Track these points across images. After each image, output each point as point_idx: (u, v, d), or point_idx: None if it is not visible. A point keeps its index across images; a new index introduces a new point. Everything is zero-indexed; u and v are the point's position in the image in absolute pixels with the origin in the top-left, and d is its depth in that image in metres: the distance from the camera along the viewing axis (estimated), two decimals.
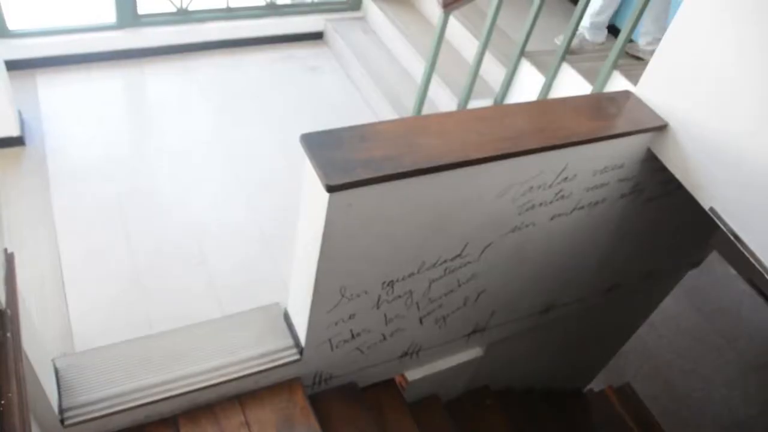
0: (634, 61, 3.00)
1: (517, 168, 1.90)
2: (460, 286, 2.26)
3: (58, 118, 3.33)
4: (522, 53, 2.95)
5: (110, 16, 3.65)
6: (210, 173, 3.26)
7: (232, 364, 2.15)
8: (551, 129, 1.97)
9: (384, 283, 2.03)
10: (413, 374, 2.66)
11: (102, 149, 3.24)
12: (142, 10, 3.69)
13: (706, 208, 2.02)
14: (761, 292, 4.86)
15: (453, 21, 3.63)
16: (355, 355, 2.32)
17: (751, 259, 1.90)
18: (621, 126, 2.06)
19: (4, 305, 1.51)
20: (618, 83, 2.57)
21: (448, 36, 3.16)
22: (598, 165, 2.11)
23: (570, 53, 2.83)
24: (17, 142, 3.11)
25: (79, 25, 3.65)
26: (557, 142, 1.90)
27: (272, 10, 4.10)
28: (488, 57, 3.18)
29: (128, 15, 3.65)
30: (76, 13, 3.78)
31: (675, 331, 4.82)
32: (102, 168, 3.14)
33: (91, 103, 3.47)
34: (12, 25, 3.43)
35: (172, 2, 3.78)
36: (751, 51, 1.79)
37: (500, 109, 2.59)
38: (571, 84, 2.78)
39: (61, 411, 1.94)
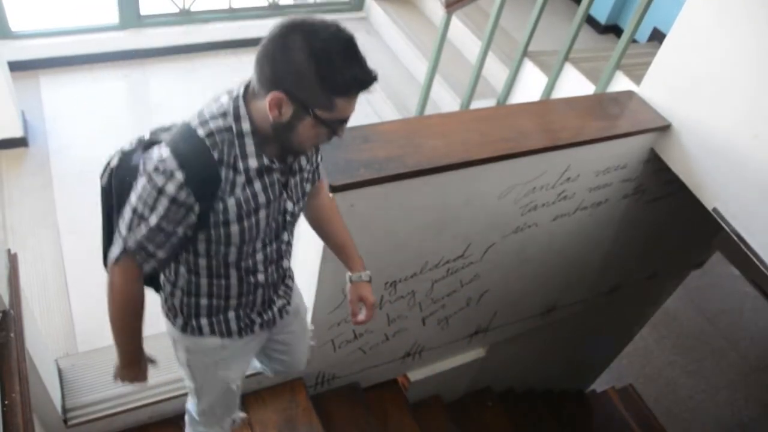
0: (636, 61, 2.99)
1: (520, 168, 1.90)
2: (462, 286, 2.26)
3: (61, 118, 3.33)
4: (525, 53, 2.95)
5: (113, 17, 3.65)
6: None
7: None
8: (554, 129, 1.96)
9: (387, 283, 2.03)
10: (415, 375, 2.66)
11: (105, 150, 3.20)
12: (144, 10, 3.69)
13: (710, 208, 2.01)
14: (764, 293, 4.85)
15: (455, 21, 3.63)
16: (358, 355, 2.32)
17: (755, 260, 1.90)
18: (624, 126, 2.05)
19: (7, 305, 1.51)
20: (621, 83, 2.56)
21: (450, 36, 3.15)
22: (601, 165, 2.10)
23: None
24: (20, 142, 3.11)
25: (82, 26, 3.65)
26: (560, 143, 1.90)
27: (275, 10, 4.10)
28: (491, 57, 3.17)
29: (131, 16, 3.65)
30: (78, 14, 3.78)
31: (677, 332, 4.81)
32: None
33: (94, 104, 3.47)
34: (15, 26, 3.43)
35: (174, 3, 3.78)
36: (753, 52, 1.79)
37: (503, 109, 2.59)
38: (574, 84, 2.77)
39: (65, 411, 1.94)
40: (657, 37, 3.73)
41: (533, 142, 1.88)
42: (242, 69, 3.93)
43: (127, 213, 1.18)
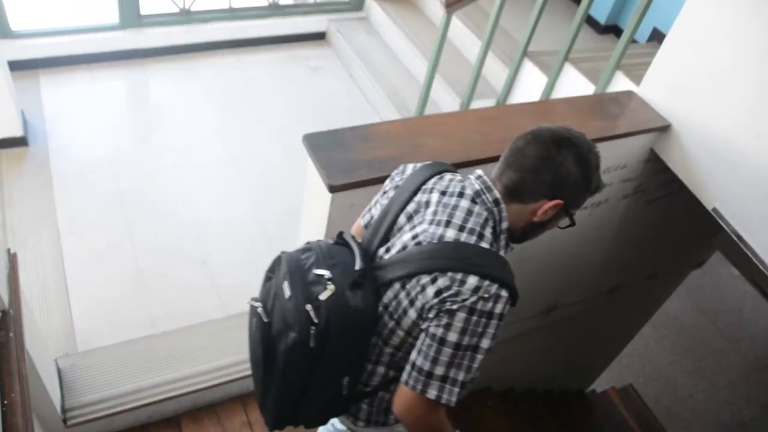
0: (636, 61, 3.00)
1: None
2: None
3: (61, 118, 3.34)
4: (524, 53, 2.95)
5: (113, 17, 3.65)
6: (212, 173, 3.27)
7: (234, 364, 2.15)
8: None
9: None
10: None
11: (105, 149, 3.24)
12: (144, 10, 3.69)
13: (709, 208, 2.01)
14: (764, 293, 4.85)
15: (455, 21, 3.63)
16: None
17: (754, 260, 1.90)
18: (623, 126, 2.05)
19: (6, 305, 1.51)
20: (621, 83, 2.56)
21: (450, 36, 3.16)
22: (601, 165, 2.10)
23: None
24: (20, 142, 3.12)
25: (82, 26, 3.66)
26: None
27: (275, 10, 4.11)
28: (491, 57, 3.17)
29: (131, 15, 3.66)
30: (78, 14, 3.79)
31: (677, 331, 4.81)
32: (105, 168, 3.14)
33: (94, 104, 3.47)
34: (15, 25, 3.44)
35: (174, 3, 3.78)
36: (754, 52, 1.78)
37: (503, 109, 2.59)
38: (574, 84, 2.77)
39: (64, 411, 1.94)
40: (657, 37, 3.73)
41: None
42: (242, 69, 3.94)
43: (448, 356, 1.11)
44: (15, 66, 3.30)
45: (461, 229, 1.15)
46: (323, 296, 1.12)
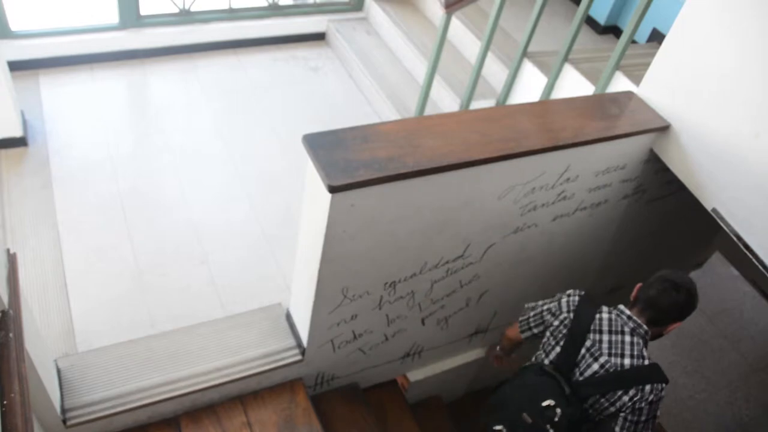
0: (636, 61, 2.99)
1: (520, 169, 1.90)
2: (462, 286, 2.26)
3: (60, 118, 3.34)
4: (524, 54, 2.95)
5: (113, 17, 3.65)
6: (212, 173, 3.27)
7: (234, 365, 2.15)
8: (553, 130, 1.96)
9: (386, 283, 2.03)
10: (415, 375, 2.66)
11: (104, 150, 3.24)
12: (144, 10, 3.69)
13: (709, 208, 2.01)
14: (764, 293, 4.85)
15: (455, 21, 3.63)
16: (357, 355, 2.32)
17: (754, 260, 1.90)
18: (623, 127, 2.05)
19: (6, 305, 1.51)
20: (620, 84, 2.56)
21: (450, 37, 3.16)
22: (601, 166, 2.10)
23: None
24: (20, 142, 3.12)
25: (82, 26, 3.65)
26: (559, 143, 1.90)
27: (275, 10, 4.11)
28: (491, 57, 3.18)
29: (131, 16, 3.66)
30: (78, 14, 3.79)
31: (677, 332, 4.80)
32: (104, 168, 3.14)
33: (93, 104, 3.47)
34: (15, 25, 3.44)
35: (174, 3, 3.78)
36: (754, 52, 1.78)
37: (502, 109, 2.59)
38: (574, 84, 2.77)
39: (64, 411, 1.94)
40: (656, 37, 3.73)
41: (533, 142, 1.88)
42: (242, 69, 3.94)
43: (640, 428, 1.78)
44: (15, 66, 3.30)
45: (632, 356, 1.79)
46: (556, 418, 1.80)
